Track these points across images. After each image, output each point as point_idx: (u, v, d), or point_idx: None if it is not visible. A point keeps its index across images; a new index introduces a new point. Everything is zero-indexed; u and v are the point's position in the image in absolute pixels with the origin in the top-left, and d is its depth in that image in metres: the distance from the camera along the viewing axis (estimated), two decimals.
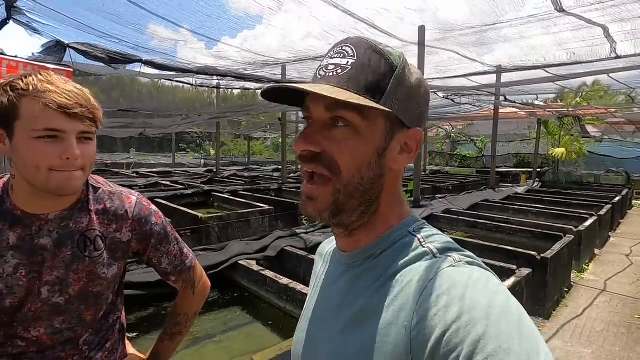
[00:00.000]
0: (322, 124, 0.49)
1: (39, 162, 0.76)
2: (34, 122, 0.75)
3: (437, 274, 0.43)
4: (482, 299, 0.39)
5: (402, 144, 0.52)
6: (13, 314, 0.85)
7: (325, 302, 0.58)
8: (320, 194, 0.50)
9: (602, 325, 3.41)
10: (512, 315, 0.39)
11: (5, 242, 0.82)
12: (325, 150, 0.49)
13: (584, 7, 3.06)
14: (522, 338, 0.37)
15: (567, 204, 7.30)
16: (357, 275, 0.53)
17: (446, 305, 0.40)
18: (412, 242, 0.50)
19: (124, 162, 18.21)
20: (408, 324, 0.42)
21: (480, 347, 0.36)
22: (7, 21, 2.26)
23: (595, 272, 4.85)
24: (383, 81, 0.48)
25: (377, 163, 0.50)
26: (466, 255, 0.48)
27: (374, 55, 0.48)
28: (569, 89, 9.17)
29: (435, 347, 0.39)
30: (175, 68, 3.18)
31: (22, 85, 0.76)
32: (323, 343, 0.53)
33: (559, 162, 11.95)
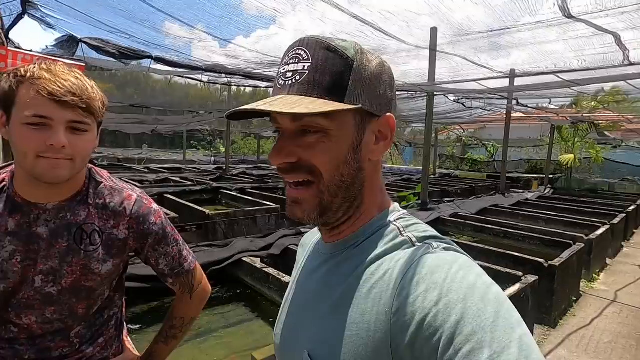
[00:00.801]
0: (292, 134, 0.49)
1: (26, 147, 0.77)
2: (25, 107, 0.76)
3: (416, 261, 0.44)
4: (459, 282, 0.40)
5: (376, 133, 0.52)
6: (7, 300, 0.86)
7: (304, 292, 0.58)
8: (305, 197, 0.51)
9: (611, 336, 3.33)
10: (488, 295, 0.39)
11: (3, 227, 0.83)
12: (302, 158, 0.49)
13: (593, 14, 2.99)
14: (499, 317, 0.37)
15: (579, 211, 7.14)
16: (337, 263, 0.54)
17: (425, 290, 0.41)
18: (392, 231, 0.51)
19: (136, 158, 18.50)
20: (388, 310, 0.43)
21: (459, 328, 0.37)
22: (22, 16, 2.32)
23: (605, 282, 4.73)
24: (342, 78, 0.47)
25: (354, 158, 0.50)
26: (444, 242, 0.49)
27: (328, 53, 0.48)
28: (585, 94, 8.99)
29: (416, 332, 0.39)
30: (185, 65, 3.22)
31: (22, 72, 0.77)
32: (304, 332, 0.53)
33: (572, 169, 11.72)
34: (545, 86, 5.05)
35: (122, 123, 11.63)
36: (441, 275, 0.41)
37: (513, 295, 2.69)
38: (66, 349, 0.93)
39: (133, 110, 8.31)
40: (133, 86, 11.37)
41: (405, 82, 6.04)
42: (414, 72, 6.15)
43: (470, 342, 0.36)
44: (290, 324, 0.59)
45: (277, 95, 0.49)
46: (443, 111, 9.24)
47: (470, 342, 0.36)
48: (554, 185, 11.97)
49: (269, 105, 0.46)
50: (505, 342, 0.36)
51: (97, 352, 0.98)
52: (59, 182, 0.82)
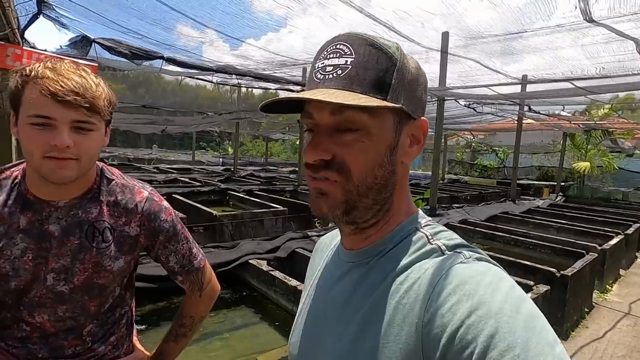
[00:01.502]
0: (328, 129, 0.48)
1: (32, 147, 0.77)
2: (29, 107, 0.76)
3: (447, 272, 0.43)
4: (493, 295, 0.39)
5: (410, 136, 0.51)
6: (18, 298, 0.86)
7: (326, 303, 0.56)
8: (331, 190, 0.49)
9: (625, 350, 3.23)
10: (524, 310, 0.38)
11: (15, 224, 0.83)
12: (336, 155, 0.47)
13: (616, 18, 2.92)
14: (535, 332, 0.36)
15: (592, 220, 7.00)
16: (364, 274, 0.51)
17: (457, 302, 0.39)
18: (420, 239, 0.49)
19: (146, 158, 18.71)
20: (419, 322, 0.41)
21: (494, 343, 0.36)
22: (38, 16, 2.36)
23: (619, 293, 4.61)
24: (386, 76, 0.46)
25: (390, 160, 0.49)
26: (475, 251, 0.47)
27: (372, 50, 0.47)
28: (599, 102, 8.84)
29: (448, 344, 0.38)
30: (196, 66, 3.23)
31: (27, 71, 0.77)
32: (329, 344, 0.51)
33: (584, 177, 11.52)
34: (558, 93, 4.96)
35: (133, 123, 11.77)
36: (473, 286, 0.40)
37: None
38: (79, 347, 0.93)
39: (144, 110, 8.40)
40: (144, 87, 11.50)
41: None
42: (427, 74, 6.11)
43: (505, 357, 0.35)
44: (310, 335, 0.57)
45: (315, 88, 0.47)
46: (453, 115, 9.16)
47: (505, 357, 0.35)
48: (565, 193, 11.78)
49: (312, 94, 0.44)
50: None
51: (108, 351, 0.98)
52: (64, 182, 0.82)
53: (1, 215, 0.83)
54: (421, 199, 7.45)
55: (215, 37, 3.72)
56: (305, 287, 0.67)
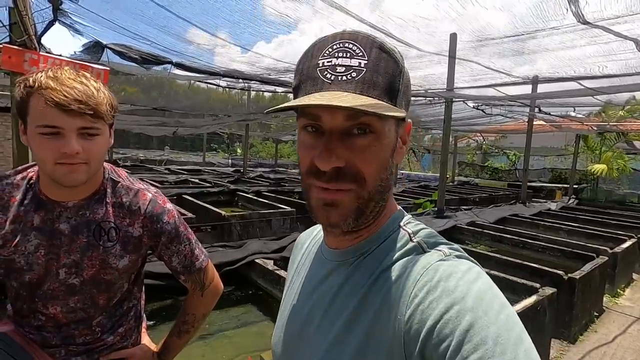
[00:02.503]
0: (339, 134, 0.45)
1: (44, 155, 0.82)
2: (37, 118, 0.80)
3: (427, 268, 0.44)
4: (470, 291, 0.41)
5: (400, 137, 0.52)
6: (33, 290, 0.92)
7: (311, 301, 0.56)
8: (344, 200, 0.47)
9: (634, 354, 3.17)
10: (497, 306, 0.40)
11: (30, 222, 0.89)
12: (348, 162, 0.45)
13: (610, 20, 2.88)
14: (508, 328, 0.38)
15: (605, 223, 6.85)
16: (349, 273, 0.52)
17: (437, 298, 0.41)
18: (403, 237, 0.51)
19: (158, 159, 19.03)
20: (401, 318, 0.43)
21: (468, 336, 0.37)
22: (54, 22, 2.47)
23: (631, 298, 4.52)
24: (395, 81, 0.46)
25: (391, 163, 0.50)
26: (454, 248, 0.49)
27: (382, 53, 0.46)
28: (614, 103, 8.65)
29: (426, 338, 0.40)
30: (204, 70, 3.32)
31: (30, 82, 0.80)
32: (315, 342, 0.52)
33: (598, 180, 11.27)
34: (567, 94, 4.90)
35: (145, 125, 11.99)
36: (453, 283, 0.42)
37: (529, 307, 2.61)
38: (89, 336, 0.98)
39: (156, 113, 8.56)
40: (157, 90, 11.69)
41: (424, 88, 5.99)
42: (434, 76, 6.09)
43: (478, 351, 0.36)
44: (294, 333, 0.57)
45: (326, 90, 0.44)
46: (462, 117, 9.08)
47: (478, 351, 0.36)
48: (578, 195, 11.54)
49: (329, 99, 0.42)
50: (513, 354, 0.36)
51: (117, 341, 1.03)
52: (76, 185, 0.87)
53: (17, 214, 0.89)
54: (429, 201, 7.42)
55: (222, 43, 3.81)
56: (286, 284, 0.67)
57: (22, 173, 0.94)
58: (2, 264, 0.90)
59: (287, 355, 0.57)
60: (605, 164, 10.51)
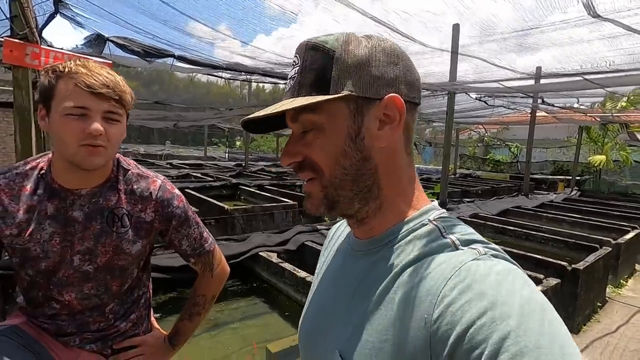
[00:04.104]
0: (296, 135, 0.52)
1: (68, 136, 0.84)
2: (65, 99, 0.84)
3: (460, 268, 0.41)
4: (509, 295, 0.37)
5: (382, 117, 0.49)
6: (48, 277, 0.94)
7: (335, 289, 0.56)
8: (312, 191, 0.52)
9: (638, 344, 3.19)
10: (539, 313, 0.37)
11: (44, 211, 0.91)
12: (305, 156, 0.50)
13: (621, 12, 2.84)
14: (553, 340, 0.35)
15: (608, 215, 6.85)
16: (373, 263, 0.51)
17: (469, 300, 0.38)
18: (432, 232, 0.48)
19: (159, 154, 19.05)
20: (428, 317, 0.40)
21: (505, 345, 0.34)
22: (55, 15, 2.44)
23: (634, 288, 4.53)
24: (325, 71, 0.47)
25: (355, 148, 0.49)
26: (491, 247, 0.45)
27: (311, 52, 0.48)
28: (617, 94, 8.59)
29: (456, 343, 0.37)
30: (206, 64, 3.30)
31: (60, 68, 0.85)
32: (336, 330, 0.52)
33: (601, 171, 11.25)
34: (572, 85, 4.86)
35: (146, 119, 11.98)
36: (489, 285, 0.39)
37: None
38: (102, 323, 1.01)
39: (157, 106, 8.55)
40: (157, 84, 11.63)
41: (428, 81, 5.95)
42: (436, 68, 6.05)
43: None
44: (319, 320, 0.57)
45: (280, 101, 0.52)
46: (464, 109, 9.04)
47: None
48: (581, 187, 11.53)
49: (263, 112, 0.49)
50: None
51: (129, 328, 1.06)
52: (95, 169, 0.90)
53: (31, 203, 0.91)
54: (431, 193, 7.43)
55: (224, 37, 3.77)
56: (316, 274, 0.67)
57: (30, 163, 0.95)
58: (18, 252, 0.92)
59: (312, 343, 0.57)
60: (604, 155, 10.47)
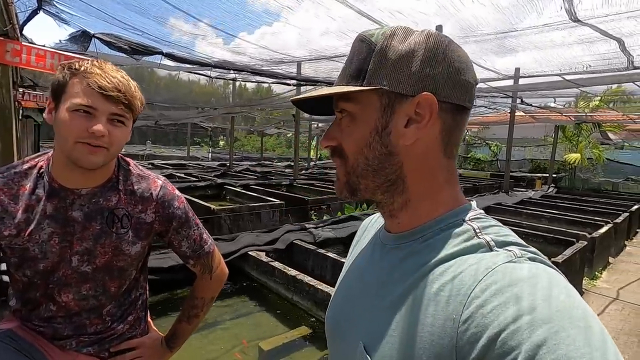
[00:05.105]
0: (336, 120, 0.54)
1: (69, 131, 0.84)
2: (75, 96, 0.84)
3: (494, 269, 0.40)
4: (546, 300, 0.36)
5: (412, 115, 0.48)
6: (46, 278, 0.92)
7: (364, 281, 0.56)
8: (339, 174, 0.55)
9: (612, 333, 3.36)
10: (580, 320, 0.34)
11: (43, 211, 0.89)
12: (339, 142, 0.53)
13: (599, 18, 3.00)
14: (592, 346, 0.33)
15: (583, 210, 7.15)
16: (402, 257, 0.51)
17: (502, 304, 0.37)
18: (466, 231, 0.47)
19: (140, 154, 18.59)
20: (457, 317, 0.39)
21: (541, 353, 0.33)
22: (38, 11, 2.37)
23: (608, 280, 4.76)
24: (364, 63, 0.49)
25: (380, 142, 0.50)
26: (529, 250, 0.44)
27: (358, 44, 0.51)
28: (590, 93, 8.96)
29: (487, 346, 0.36)
30: (194, 61, 3.26)
31: (76, 66, 0.86)
32: (362, 321, 0.52)
33: (575, 169, 11.71)
34: (550, 85, 5.05)
35: None
36: (524, 288, 0.37)
37: None
38: (100, 325, 0.99)
39: None
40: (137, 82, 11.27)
41: None
42: None
43: None
44: (345, 312, 0.57)
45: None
46: None
47: None
48: (557, 184, 11.96)
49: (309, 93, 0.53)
50: None
51: (126, 330, 1.05)
52: (93, 168, 0.88)
53: (30, 203, 0.89)
54: None
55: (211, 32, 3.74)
56: (345, 264, 0.67)
57: (29, 162, 0.93)
58: (17, 253, 0.89)
59: (338, 332, 0.58)
60: (579, 154, 10.93)
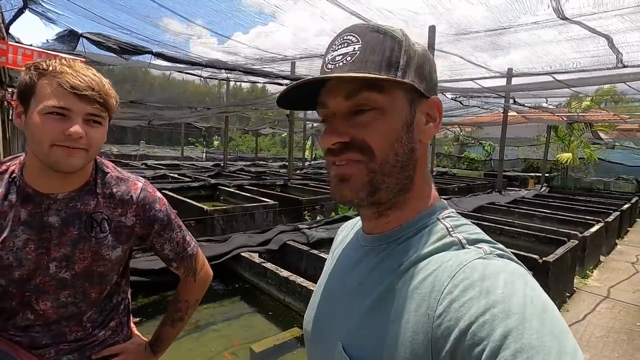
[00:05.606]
0: (344, 114, 0.49)
1: (44, 135, 0.80)
2: (46, 98, 0.80)
3: (465, 266, 0.42)
4: (512, 294, 0.38)
5: (426, 115, 0.51)
6: (22, 286, 0.88)
7: (343, 283, 0.57)
8: (354, 173, 0.49)
9: (603, 331, 3.39)
10: (542, 312, 0.37)
11: (17, 217, 0.86)
12: (354, 137, 0.48)
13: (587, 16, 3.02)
14: (552, 335, 0.35)
15: (575, 209, 7.21)
16: (380, 259, 0.52)
17: (473, 297, 0.39)
18: (440, 230, 0.49)
19: (133, 154, 18.45)
20: (431, 313, 0.41)
21: (507, 342, 0.35)
22: (23, 10, 2.33)
23: (599, 278, 4.80)
24: (393, 55, 0.47)
25: (408, 137, 0.49)
26: (497, 247, 0.46)
27: (377, 35, 0.48)
28: (582, 93, 9.04)
29: (459, 338, 0.38)
30: (185, 61, 3.23)
31: (44, 66, 0.82)
32: (341, 322, 0.52)
33: (567, 168, 11.82)
34: (542, 86, 5.09)
35: (119, 119, 11.61)
36: (493, 283, 0.39)
37: None
38: (80, 333, 0.96)
39: (132, 105, 8.29)
40: (131, 82, 11.22)
41: None
42: None
43: (517, 359, 0.34)
44: (325, 313, 0.58)
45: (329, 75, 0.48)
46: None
47: (517, 359, 0.34)
48: (550, 183, 12.06)
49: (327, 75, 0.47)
50: None
51: (108, 336, 1.01)
52: (72, 171, 0.85)
53: (2, 209, 0.86)
54: None
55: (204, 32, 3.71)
56: (325, 267, 0.67)
57: (1, 166, 0.90)
58: None
59: (317, 336, 0.58)
60: (570, 153, 11.05)
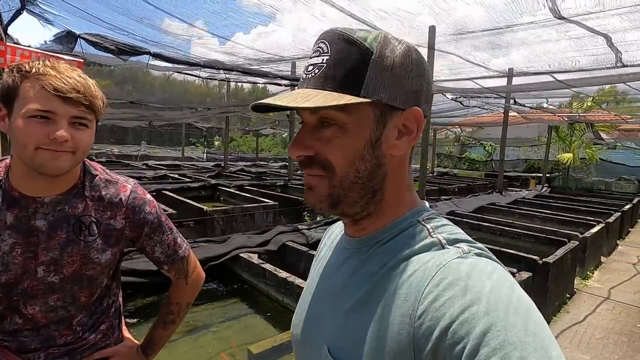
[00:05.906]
0: (311, 127, 0.49)
1: (28, 139, 0.79)
2: (29, 101, 0.78)
3: (445, 265, 0.43)
4: (490, 292, 0.39)
5: (400, 127, 0.49)
6: (9, 291, 0.87)
7: (327, 285, 0.58)
8: (317, 185, 0.50)
9: (603, 332, 3.37)
10: (520, 309, 0.38)
11: (2, 221, 0.84)
12: (318, 152, 0.49)
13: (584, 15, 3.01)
14: (529, 332, 0.36)
15: (575, 210, 7.19)
16: (362, 261, 0.52)
17: (453, 297, 0.39)
18: (421, 232, 0.50)
19: (134, 154, 18.47)
20: (412, 313, 0.42)
21: (486, 340, 0.36)
22: (21, 11, 2.33)
23: (600, 279, 4.78)
24: (359, 71, 0.45)
25: (372, 154, 0.49)
26: (476, 246, 0.47)
27: (346, 45, 0.46)
28: (583, 94, 9.02)
29: (440, 338, 0.38)
30: (184, 61, 3.23)
31: (26, 67, 0.80)
32: (325, 327, 0.53)
33: (569, 168, 11.79)
34: (542, 86, 5.08)
35: (120, 119, 11.63)
36: (471, 282, 0.40)
37: None
38: (70, 337, 0.95)
39: (132, 106, 8.30)
40: (131, 82, 11.20)
41: None
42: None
43: (495, 355, 0.34)
44: (311, 316, 0.59)
45: (299, 88, 0.49)
46: (441, 109, 9.26)
47: (495, 355, 0.34)
48: (551, 184, 12.03)
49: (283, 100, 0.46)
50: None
51: (99, 340, 1.00)
52: (59, 174, 0.84)
53: None
54: None
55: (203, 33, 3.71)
56: (311, 270, 0.68)
57: None
58: None
59: (304, 339, 0.59)
60: (571, 153, 11.03)
